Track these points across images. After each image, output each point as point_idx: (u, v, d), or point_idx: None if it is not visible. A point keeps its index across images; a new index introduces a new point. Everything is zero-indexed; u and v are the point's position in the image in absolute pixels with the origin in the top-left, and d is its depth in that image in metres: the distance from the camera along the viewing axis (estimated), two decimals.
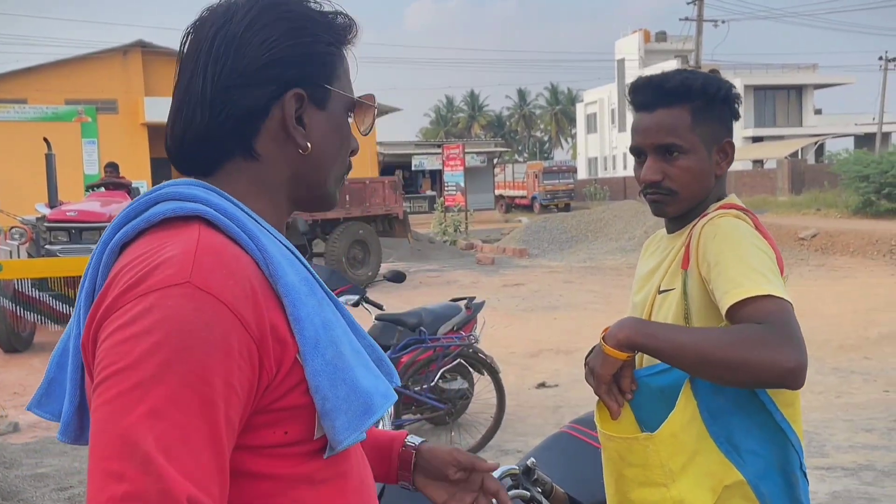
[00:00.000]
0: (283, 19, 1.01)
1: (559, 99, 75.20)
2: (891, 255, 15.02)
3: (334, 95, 1.05)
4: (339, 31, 1.06)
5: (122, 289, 0.87)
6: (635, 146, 1.71)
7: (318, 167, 1.06)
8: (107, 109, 25.03)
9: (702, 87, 1.64)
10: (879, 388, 6.60)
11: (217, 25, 1.01)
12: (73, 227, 9.60)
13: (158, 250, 0.89)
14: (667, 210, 1.70)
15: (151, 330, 0.82)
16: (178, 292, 0.84)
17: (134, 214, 0.97)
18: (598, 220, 21.61)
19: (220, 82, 0.99)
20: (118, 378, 0.81)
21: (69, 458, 5.26)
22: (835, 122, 47.02)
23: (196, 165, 1.04)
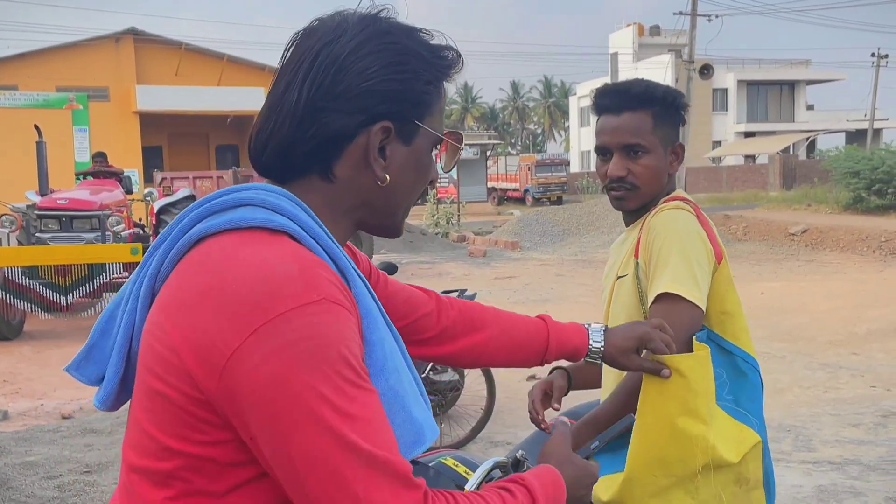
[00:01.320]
0: (388, 51, 1.02)
1: (552, 92, 75.16)
2: (880, 252, 15.12)
3: (422, 132, 1.06)
4: (442, 69, 1.07)
5: (250, 309, 0.86)
6: (602, 146, 1.89)
7: (391, 199, 1.07)
8: (98, 97, 24.87)
9: (662, 96, 1.85)
10: (866, 384, 6.65)
11: (323, 42, 1.02)
12: (63, 215, 9.57)
13: (264, 264, 0.89)
14: (627, 204, 1.90)
15: (313, 350, 0.86)
16: (314, 310, 0.87)
17: (216, 210, 0.99)
18: (589, 214, 21.64)
19: (314, 102, 1.00)
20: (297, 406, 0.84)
21: (58, 447, 5.26)
22: (826, 118, 47.15)
23: (273, 172, 1.05)
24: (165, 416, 0.91)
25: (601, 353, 1.48)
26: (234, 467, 0.91)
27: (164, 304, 0.95)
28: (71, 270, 8.72)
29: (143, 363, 0.96)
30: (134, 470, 0.96)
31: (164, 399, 0.91)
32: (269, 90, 1.06)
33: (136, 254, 8.76)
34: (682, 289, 1.66)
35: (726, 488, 1.69)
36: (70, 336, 9.30)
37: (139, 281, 1.03)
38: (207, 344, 0.87)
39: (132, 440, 0.97)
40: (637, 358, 1.50)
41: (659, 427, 1.66)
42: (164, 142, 29.72)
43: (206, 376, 0.87)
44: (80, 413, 6.17)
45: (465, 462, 1.87)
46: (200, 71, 28.59)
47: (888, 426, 5.43)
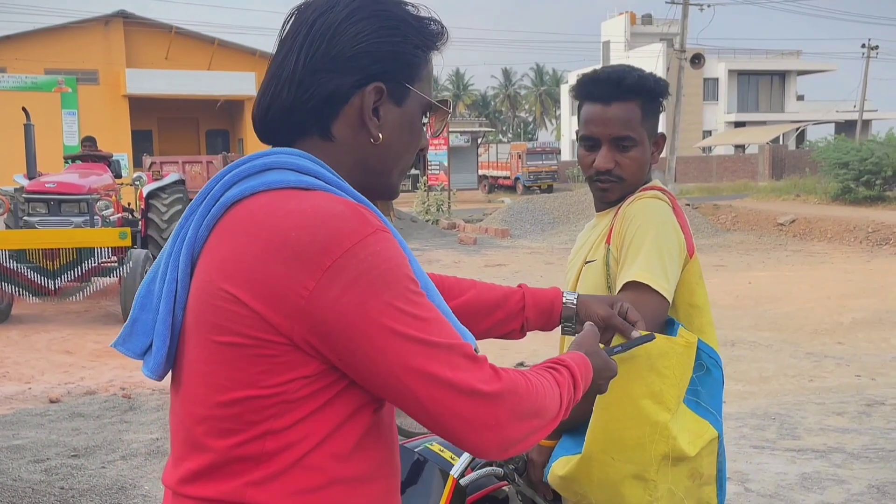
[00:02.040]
0: (379, 16, 1.10)
1: (544, 80, 75.01)
2: (867, 242, 15.22)
3: (412, 95, 1.14)
4: (429, 37, 1.15)
5: (317, 251, 0.96)
6: (591, 136, 1.84)
7: (385, 158, 1.15)
8: (87, 80, 24.68)
9: (653, 86, 1.82)
10: (851, 373, 6.72)
11: (319, 11, 1.10)
12: (51, 199, 9.51)
13: (317, 211, 0.99)
14: (611, 195, 1.87)
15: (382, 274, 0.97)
16: (374, 239, 0.98)
17: (245, 175, 1.05)
18: (579, 202, 21.67)
19: (311, 65, 1.08)
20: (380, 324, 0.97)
21: (46, 431, 5.25)
22: (816, 109, 47.29)
23: (276, 137, 1.13)
24: (238, 365, 1.00)
25: (575, 308, 1.54)
26: (298, 403, 1.00)
27: (218, 266, 1.01)
28: (59, 254, 8.67)
29: (204, 323, 1.02)
30: (200, 422, 1.04)
31: (235, 349, 0.99)
32: (269, 63, 1.14)
33: (124, 238, 8.73)
34: (651, 279, 1.66)
35: (680, 483, 1.67)
36: (57, 320, 9.27)
37: (175, 251, 1.08)
38: (283, 290, 0.96)
39: (194, 397, 1.05)
40: (609, 309, 1.53)
41: (621, 406, 1.63)
42: (153, 126, 29.54)
43: (287, 320, 0.97)
44: (68, 397, 6.16)
45: (450, 447, 1.88)
46: (191, 55, 28.40)
47: (872, 415, 5.48)
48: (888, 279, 11.30)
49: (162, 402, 5.89)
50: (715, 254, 14.93)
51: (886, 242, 14.98)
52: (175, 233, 1.09)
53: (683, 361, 1.65)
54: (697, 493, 1.71)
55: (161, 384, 6.44)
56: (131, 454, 4.78)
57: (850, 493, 4.13)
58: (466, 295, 1.54)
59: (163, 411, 5.64)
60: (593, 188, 1.90)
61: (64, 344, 7.94)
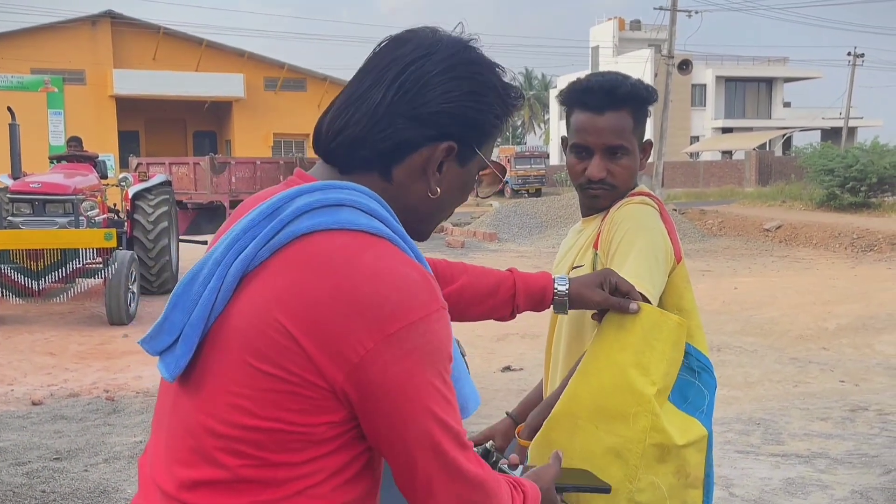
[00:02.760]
0: (472, 80, 1.11)
1: (533, 84, 75.17)
2: (852, 248, 15.32)
3: (477, 159, 1.17)
4: (510, 106, 1.17)
5: (387, 315, 0.99)
6: (584, 144, 1.83)
7: (433, 210, 1.17)
8: (74, 80, 24.55)
9: (644, 95, 1.83)
10: (835, 379, 6.75)
11: (416, 55, 1.10)
12: (36, 199, 9.44)
13: (393, 271, 1.01)
14: (603, 203, 1.87)
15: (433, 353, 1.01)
16: (437, 317, 1.02)
17: (318, 206, 1.05)
18: (567, 207, 21.70)
19: (394, 107, 1.08)
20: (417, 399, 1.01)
21: (28, 433, 5.21)
22: (803, 116, 47.62)
23: (338, 160, 1.12)
24: (273, 397, 1.00)
25: (567, 292, 1.57)
26: (320, 444, 1.03)
27: (277, 296, 1.01)
28: (43, 255, 8.61)
29: (246, 345, 1.02)
30: (214, 436, 1.03)
31: (275, 381, 1.00)
32: (350, 82, 1.14)
33: (109, 239, 8.67)
34: (638, 283, 1.66)
35: (665, 479, 1.65)
36: (41, 321, 9.20)
37: (226, 261, 1.05)
38: (341, 341, 0.98)
39: (212, 411, 1.04)
40: (601, 292, 1.57)
41: (608, 373, 1.63)
42: (140, 127, 29.41)
43: (335, 369, 0.99)
44: (51, 399, 6.11)
45: None
46: (179, 56, 28.30)
47: (856, 420, 5.51)
48: (872, 285, 11.38)
49: (146, 406, 5.85)
50: (701, 259, 15.00)
51: (871, 249, 15.09)
52: (230, 241, 1.06)
53: (674, 338, 1.65)
54: (682, 495, 1.67)
55: (145, 387, 6.40)
56: (114, 457, 4.74)
57: (834, 498, 4.15)
58: (459, 282, 1.57)
59: (146, 414, 5.60)
60: (584, 195, 1.90)
61: (47, 345, 7.87)
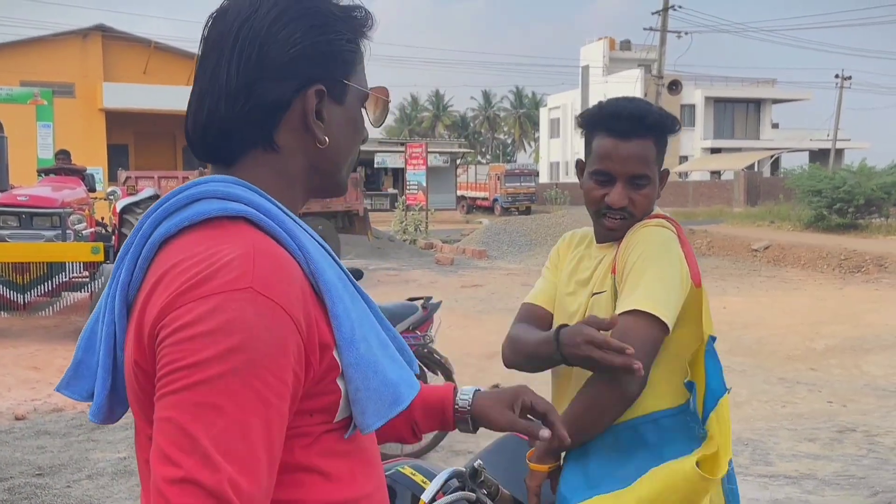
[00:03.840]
0: (307, 15, 1.04)
1: (523, 102, 75.57)
2: (839, 269, 15.39)
3: (351, 90, 1.09)
4: (358, 27, 1.09)
5: (182, 288, 0.90)
6: (606, 171, 1.79)
7: (334, 159, 1.10)
8: (63, 93, 24.47)
9: (669, 124, 1.81)
10: (823, 399, 6.76)
11: (242, 17, 1.03)
12: (23, 212, 9.37)
13: (215, 251, 0.92)
14: (619, 234, 1.82)
15: (216, 331, 0.88)
16: (241, 297, 0.89)
17: (172, 209, 1.00)
18: (557, 225, 21.75)
19: (245, 76, 1.01)
20: (183, 373, 0.88)
21: (10, 448, 5.14)
22: (791, 137, 48.01)
23: (217, 155, 1.07)
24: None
25: (469, 408, 1.36)
26: None
27: (143, 318, 0.96)
28: (29, 268, 8.54)
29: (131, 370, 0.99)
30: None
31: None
32: (195, 73, 1.07)
33: (96, 253, 8.62)
34: (653, 306, 1.63)
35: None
36: (26, 335, 9.11)
37: (112, 293, 1.03)
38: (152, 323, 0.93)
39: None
40: (509, 413, 1.33)
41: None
42: (130, 140, 29.31)
43: (150, 353, 0.93)
44: (34, 414, 6.04)
45: (422, 471, 1.86)
46: (169, 70, 28.25)
47: (843, 441, 5.51)
48: (860, 306, 11.42)
49: (130, 422, 5.72)
50: None
51: (858, 270, 15.17)
52: (113, 272, 1.04)
53: (691, 496, 1.66)
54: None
55: None
56: (97, 473, 4.68)
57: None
58: None
59: (130, 430, 5.54)
60: (599, 223, 1.85)
61: (32, 360, 7.79)
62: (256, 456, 0.89)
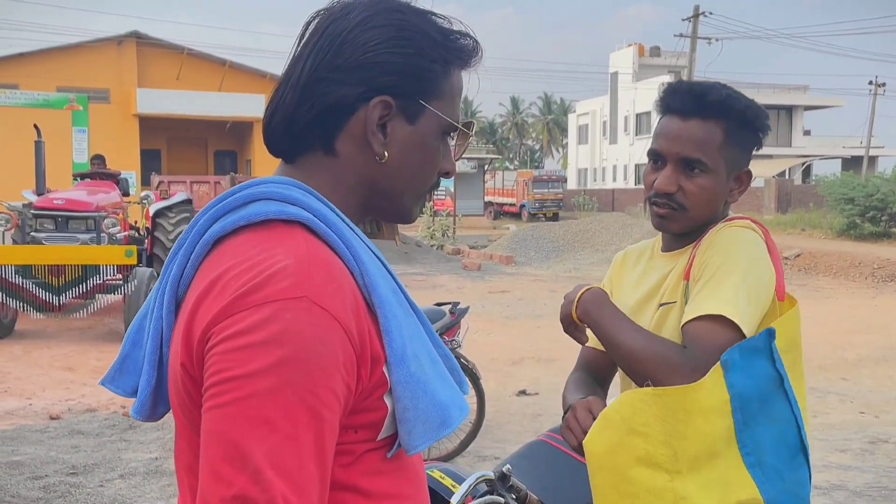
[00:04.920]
0: (394, 26, 1.01)
1: (552, 109, 75.36)
2: (872, 279, 15.16)
3: (428, 113, 1.05)
4: (453, 51, 1.05)
5: (236, 294, 0.88)
6: (657, 151, 1.63)
7: (395, 179, 1.05)
8: (99, 99, 24.89)
9: (743, 109, 1.61)
10: (855, 410, 6.67)
11: (334, 17, 1.03)
12: (59, 216, 9.56)
13: (268, 256, 0.90)
14: (671, 226, 1.65)
15: (269, 341, 0.86)
16: (295, 305, 0.87)
17: (230, 208, 0.99)
18: (585, 231, 21.69)
19: (317, 72, 1.00)
20: (234, 384, 0.85)
21: (45, 448, 5.24)
22: (823, 144, 47.38)
23: (280, 148, 1.05)
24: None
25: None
26: None
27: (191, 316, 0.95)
28: (64, 271, 8.70)
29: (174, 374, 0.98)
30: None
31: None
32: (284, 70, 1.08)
33: (130, 256, 8.76)
34: (736, 313, 1.46)
35: None
36: (60, 337, 9.28)
37: (162, 288, 1.03)
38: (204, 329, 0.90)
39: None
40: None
41: (613, 484, 1.47)
42: (162, 145, 29.73)
43: (198, 359, 0.91)
44: (69, 414, 6.15)
45: (451, 475, 1.88)
46: (202, 76, 28.64)
47: (875, 452, 5.44)
48: (893, 316, 11.25)
49: (162, 423, 5.85)
50: None
51: (892, 279, 14.94)
52: (165, 267, 1.03)
53: (660, 412, 1.43)
54: None
55: None
56: (130, 473, 4.76)
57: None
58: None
59: (163, 430, 5.62)
60: (651, 213, 1.67)
61: (66, 360, 7.94)
62: (309, 472, 0.87)
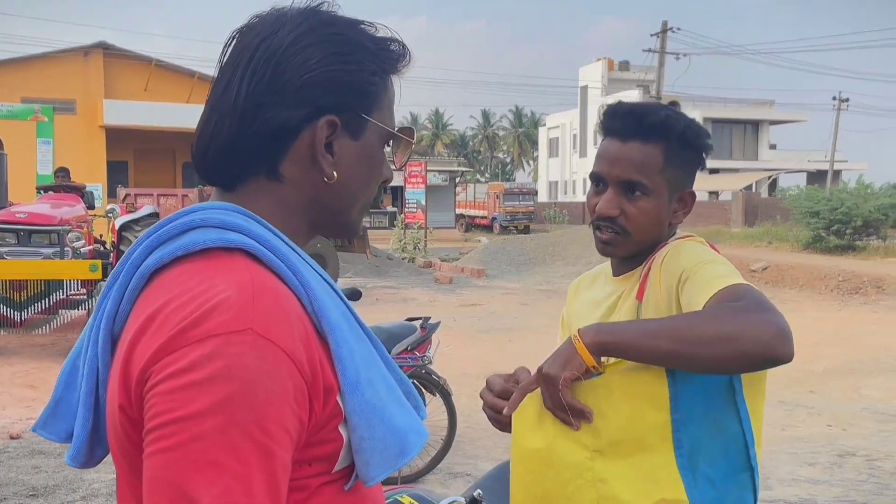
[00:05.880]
0: (330, 41, 0.97)
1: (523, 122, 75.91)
2: (837, 291, 15.38)
3: (371, 126, 1.02)
4: (389, 60, 1.03)
5: (175, 330, 0.83)
6: (599, 174, 1.62)
7: (342, 195, 1.02)
8: (64, 110, 24.56)
9: (682, 131, 1.58)
10: (823, 423, 6.73)
11: (263, 35, 0.97)
12: (22, 229, 9.36)
13: (208, 287, 0.85)
14: (615, 251, 1.63)
15: (213, 379, 0.80)
16: (239, 339, 0.82)
17: (166, 238, 0.93)
18: (555, 244, 21.79)
19: (254, 97, 0.95)
20: (177, 426, 0.80)
21: (4, 469, 5.10)
22: (788, 158, 48.17)
23: (218, 177, 1.00)
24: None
25: None
26: None
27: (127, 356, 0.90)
28: (27, 286, 8.53)
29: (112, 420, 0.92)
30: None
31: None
32: (210, 91, 1.01)
33: (94, 270, 8.61)
34: (735, 279, 1.42)
35: None
36: (22, 353, 9.07)
37: (96, 325, 0.96)
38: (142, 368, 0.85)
39: None
40: None
41: (531, 457, 1.44)
42: (130, 157, 29.41)
43: (138, 400, 0.85)
44: (29, 434, 5.99)
45: (421, 500, 1.84)
46: (170, 87, 28.41)
47: (843, 466, 5.48)
48: (859, 328, 11.41)
49: None
50: None
51: (857, 292, 15.16)
52: (99, 303, 0.97)
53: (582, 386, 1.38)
54: None
55: None
56: (92, 494, 4.64)
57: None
58: None
59: None
60: (595, 237, 1.65)
61: (28, 378, 7.75)
62: None
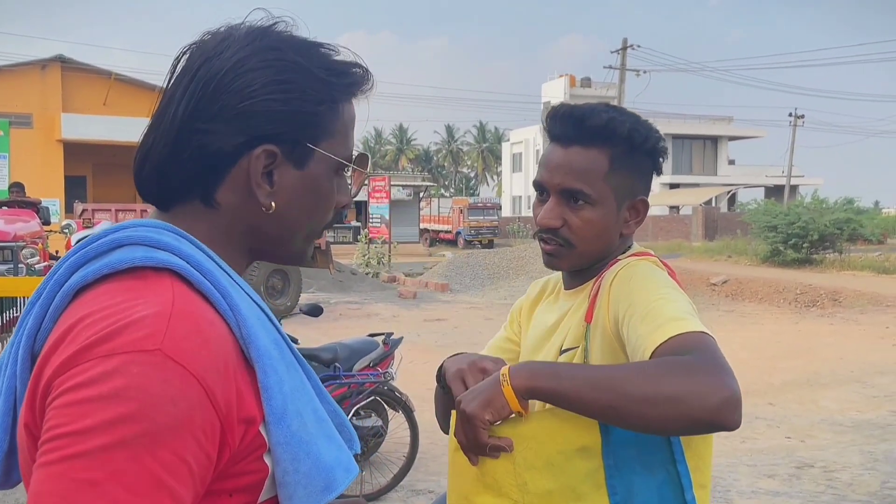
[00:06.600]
0: (272, 67, 0.92)
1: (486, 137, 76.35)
2: (795, 304, 15.64)
3: (318, 155, 0.96)
4: (340, 87, 0.97)
5: (83, 344, 0.79)
6: (540, 182, 1.51)
7: (283, 225, 0.98)
8: (21, 123, 24.12)
9: (628, 133, 1.45)
10: (782, 435, 6.81)
11: (207, 55, 0.93)
12: None
13: (128, 307, 0.81)
14: (560, 264, 1.54)
15: (109, 396, 0.76)
16: (145, 359, 0.78)
17: (92, 255, 0.89)
18: (519, 258, 21.86)
19: (190, 121, 0.91)
20: (66, 441, 0.76)
21: None
22: (747, 173, 49.12)
23: (154, 196, 0.97)
24: None
25: None
26: None
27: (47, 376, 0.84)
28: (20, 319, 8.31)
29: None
30: None
31: None
32: (154, 107, 0.97)
33: None
34: (690, 325, 1.29)
35: None
36: None
37: (17, 343, 0.92)
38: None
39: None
40: None
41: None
42: (88, 172, 28.94)
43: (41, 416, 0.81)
44: None
45: None
46: (130, 101, 28.01)
47: (802, 477, 5.55)
48: (816, 341, 11.60)
49: None
50: None
51: (813, 304, 15.43)
52: (20, 320, 0.92)
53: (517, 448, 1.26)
54: None
55: None
56: None
57: None
58: None
59: None
60: (541, 249, 1.54)
61: None
62: None
